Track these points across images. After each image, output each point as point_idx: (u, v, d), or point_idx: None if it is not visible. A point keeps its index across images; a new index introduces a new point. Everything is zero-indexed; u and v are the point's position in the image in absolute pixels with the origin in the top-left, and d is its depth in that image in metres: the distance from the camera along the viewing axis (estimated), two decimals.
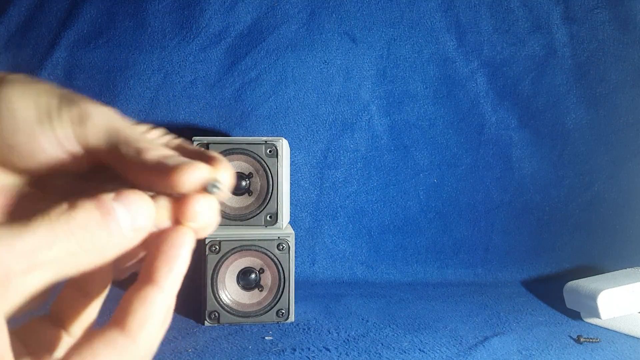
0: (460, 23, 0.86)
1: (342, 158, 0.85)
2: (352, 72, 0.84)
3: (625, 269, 0.76)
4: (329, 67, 0.84)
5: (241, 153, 0.62)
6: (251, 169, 0.64)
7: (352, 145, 0.85)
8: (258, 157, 0.63)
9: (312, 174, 0.84)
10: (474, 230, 0.88)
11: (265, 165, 0.63)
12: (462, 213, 0.88)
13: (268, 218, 0.64)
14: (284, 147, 0.63)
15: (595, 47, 0.88)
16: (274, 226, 0.64)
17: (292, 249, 0.64)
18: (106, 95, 0.68)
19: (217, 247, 0.62)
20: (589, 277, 0.72)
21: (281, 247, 0.63)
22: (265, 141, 0.62)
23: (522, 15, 0.87)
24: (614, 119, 0.89)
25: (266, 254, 0.63)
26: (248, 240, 0.62)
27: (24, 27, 0.79)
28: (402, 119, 0.86)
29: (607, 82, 0.89)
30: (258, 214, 0.64)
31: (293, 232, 0.64)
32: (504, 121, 0.88)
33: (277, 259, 0.63)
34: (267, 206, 0.64)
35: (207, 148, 0.59)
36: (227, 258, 0.62)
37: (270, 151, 0.63)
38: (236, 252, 0.62)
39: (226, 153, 0.61)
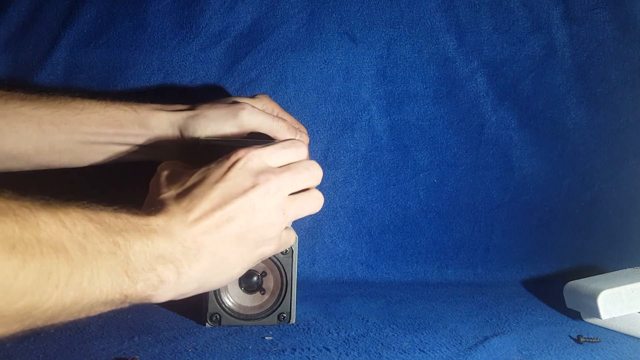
0: (460, 23, 0.86)
1: (342, 158, 0.85)
2: (352, 72, 0.85)
3: (625, 269, 0.76)
4: (329, 67, 0.84)
5: None
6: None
7: (352, 145, 0.85)
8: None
9: None
10: (474, 230, 0.88)
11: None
12: (462, 213, 0.88)
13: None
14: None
15: (595, 47, 0.88)
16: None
17: (296, 253, 0.64)
18: (106, 95, 0.68)
19: None
20: (589, 277, 0.72)
21: (285, 251, 0.63)
22: None
23: (522, 15, 0.87)
24: (614, 119, 0.89)
25: (269, 258, 0.63)
26: None
27: (24, 27, 0.79)
28: (402, 119, 0.86)
29: (607, 82, 0.89)
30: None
31: (297, 236, 0.64)
32: (504, 121, 0.88)
33: (281, 263, 0.63)
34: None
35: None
36: None
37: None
38: None
39: None
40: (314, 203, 0.54)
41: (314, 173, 0.53)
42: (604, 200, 0.90)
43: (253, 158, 0.49)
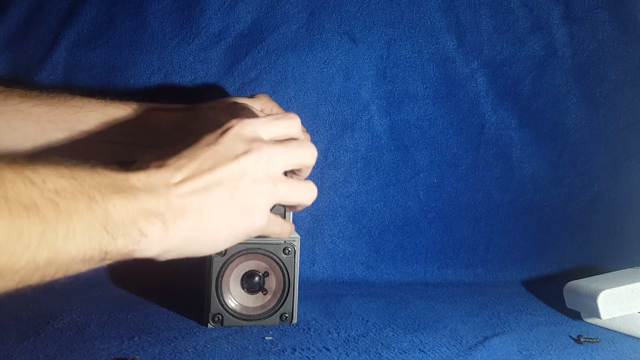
0: (460, 23, 0.86)
1: (342, 158, 0.85)
2: (352, 72, 0.84)
3: (625, 269, 0.76)
4: (329, 67, 0.84)
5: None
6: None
7: (352, 145, 0.85)
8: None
9: (312, 174, 0.84)
10: (474, 230, 0.88)
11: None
12: (462, 213, 0.88)
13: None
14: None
15: (595, 47, 0.88)
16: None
17: (298, 253, 0.64)
18: (106, 95, 0.68)
19: (223, 249, 0.62)
20: (589, 277, 0.72)
21: (287, 251, 0.63)
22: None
23: (522, 15, 0.87)
24: (614, 119, 0.89)
25: (272, 258, 0.63)
26: (254, 243, 0.62)
27: (24, 27, 0.79)
28: (402, 119, 0.86)
29: (607, 82, 0.89)
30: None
31: (299, 236, 0.64)
32: (504, 121, 0.88)
33: (283, 263, 0.63)
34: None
35: None
36: (232, 261, 0.62)
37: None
38: (242, 255, 0.62)
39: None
40: (307, 192, 0.52)
41: (309, 151, 0.53)
42: (604, 200, 0.90)
43: (246, 126, 0.48)
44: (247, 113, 0.64)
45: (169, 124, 0.64)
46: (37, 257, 0.33)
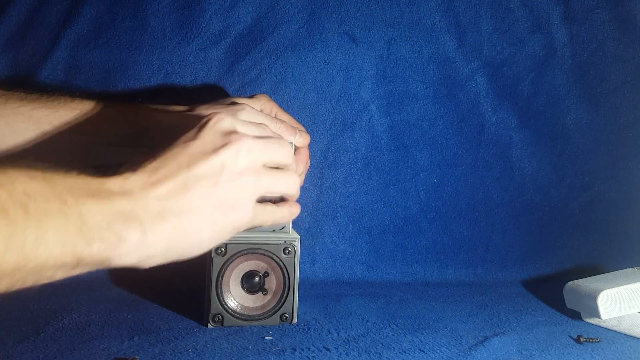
0: (460, 23, 0.86)
1: (342, 158, 0.85)
2: (352, 72, 0.84)
3: (625, 269, 0.76)
4: (329, 67, 0.84)
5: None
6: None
7: (352, 145, 0.85)
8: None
9: (312, 174, 0.84)
10: (474, 230, 0.88)
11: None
12: (462, 213, 0.88)
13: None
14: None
15: (595, 47, 0.88)
16: (282, 230, 0.64)
17: (298, 253, 0.64)
18: (106, 95, 0.68)
19: (223, 249, 0.61)
20: (589, 277, 0.72)
21: (287, 251, 0.63)
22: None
23: (522, 15, 0.87)
24: (614, 119, 0.89)
25: (272, 258, 0.63)
26: (254, 243, 0.62)
27: (24, 27, 0.78)
28: (402, 119, 0.86)
29: (607, 82, 0.89)
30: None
31: (299, 236, 0.64)
32: (504, 121, 0.88)
33: (283, 263, 0.63)
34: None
35: None
36: (232, 261, 0.62)
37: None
38: (242, 255, 0.62)
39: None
40: (290, 182, 0.51)
41: (285, 148, 0.51)
42: (604, 200, 0.90)
43: (224, 118, 0.47)
44: (248, 111, 0.64)
45: (169, 125, 0.64)
46: (4, 263, 0.32)
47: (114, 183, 0.40)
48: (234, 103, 0.66)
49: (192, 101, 0.70)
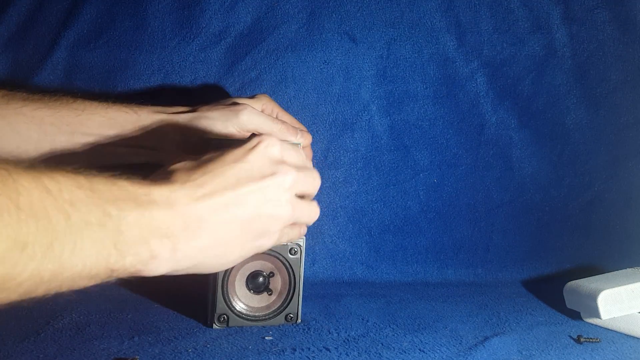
0: (460, 23, 0.86)
1: (342, 158, 0.85)
2: (352, 72, 0.84)
3: (625, 269, 0.76)
4: (329, 67, 0.84)
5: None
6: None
7: (352, 145, 0.85)
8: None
9: None
10: (474, 230, 0.88)
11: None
12: (462, 213, 0.88)
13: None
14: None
15: (595, 47, 0.88)
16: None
17: (304, 253, 0.64)
18: (106, 95, 0.68)
19: None
20: (589, 277, 0.72)
21: (293, 251, 0.63)
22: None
23: (522, 15, 0.87)
24: (614, 119, 0.89)
25: (278, 258, 0.63)
26: None
27: (24, 27, 0.78)
28: (402, 119, 0.86)
29: (607, 82, 0.89)
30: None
31: (304, 237, 0.64)
32: (504, 121, 0.88)
33: (289, 263, 0.63)
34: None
35: None
36: None
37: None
38: None
39: None
40: (314, 213, 0.53)
41: (317, 182, 0.53)
42: (604, 200, 0.90)
43: (274, 145, 0.48)
44: (248, 112, 0.64)
45: (170, 126, 0.64)
46: (42, 270, 0.32)
47: (161, 194, 0.41)
48: (235, 103, 0.66)
49: (192, 101, 0.70)
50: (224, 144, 0.57)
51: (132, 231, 0.38)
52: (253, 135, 0.49)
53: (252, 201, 0.45)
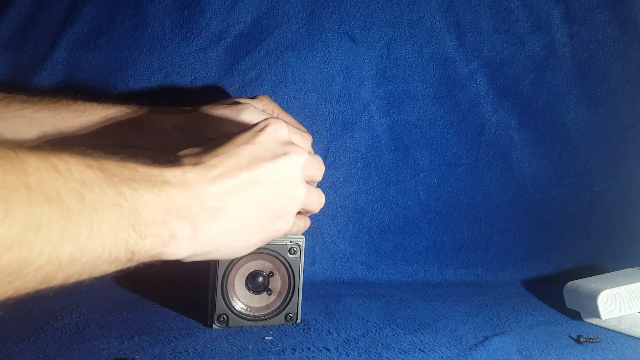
0: (460, 23, 0.86)
1: (342, 158, 0.85)
2: (352, 72, 0.84)
3: (625, 269, 0.76)
4: (329, 67, 0.84)
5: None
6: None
7: (352, 145, 0.85)
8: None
9: None
10: (474, 230, 0.88)
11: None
12: (462, 213, 0.88)
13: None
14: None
15: (595, 47, 0.88)
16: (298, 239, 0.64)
17: (303, 253, 0.64)
18: (106, 95, 0.68)
19: None
20: (589, 277, 0.72)
21: (293, 251, 0.63)
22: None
23: (522, 15, 0.87)
24: (614, 119, 0.89)
25: (277, 258, 0.63)
26: None
27: (24, 27, 0.79)
28: (402, 119, 0.86)
29: (607, 82, 0.89)
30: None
31: (303, 236, 0.64)
32: (504, 121, 0.88)
33: (289, 263, 0.63)
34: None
35: None
36: (238, 261, 0.62)
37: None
38: (247, 255, 0.62)
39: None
40: (322, 198, 0.54)
41: (323, 167, 0.54)
42: (604, 200, 0.90)
43: (283, 127, 0.47)
44: (250, 112, 0.64)
45: (171, 126, 0.64)
46: (60, 253, 0.31)
47: (174, 175, 0.40)
48: (237, 102, 0.66)
49: (192, 101, 0.70)
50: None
51: (150, 211, 0.37)
52: (261, 120, 0.48)
53: (267, 181, 0.44)
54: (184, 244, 0.39)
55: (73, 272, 0.33)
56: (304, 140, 0.52)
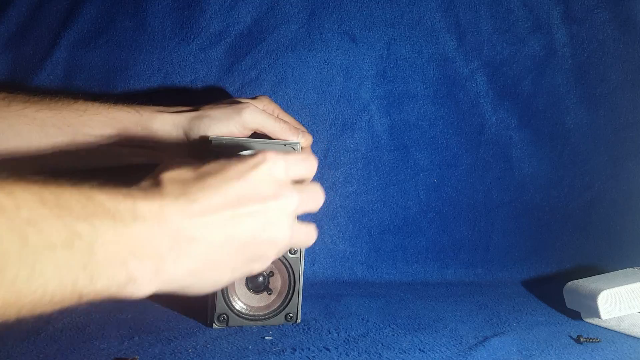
0: (460, 23, 0.86)
1: (342, 158, 0.85)
2: (352, 72, 0.85)
3: (625, 269, 0.76)
4: (329, 67, 0.84)
5: None
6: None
7: (352, 145, 0.85)
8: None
9: None
10: (474, 230, 0.88)
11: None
12: (462, 213, 0.88)
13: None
14: None
15: (595, 47, 0.88)
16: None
17: (303, 253, 0.64)
18: (106, 95, 0.68)
19: None
20: (589, 277, 0.72)
21: (293, 251, 0.63)
22: None
23: (522, 15, 0.87)
24: (614, 119, 0.89)
25: (278, 258, 0.63)
26: None
27: (24, 27, 0.78)
28: (402, 119, 0.86)
29: (607, 82, 0.89)
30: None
31: None
32: (504, 121, 0.88)
33: (289, 263, 0.63)
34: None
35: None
36: None
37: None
38: None
39: None
40: (311, 238, 0.51)
41: (320, 199, 0.50)
42: (604, 200, 0.90)
43: (278, 163, 0.44)
44: (251, 111, 0.64)
45: (172, 126, 0.64)
46: None
47: (149, 209, 0.37)
48: (237, 102, 0.66)
49: (192, 101, 0.70)
50: (224, 151, 0.56)
51: (108, 251, 0.34)
52: (258, 153, 0.45)
53: (251, 223, 0.41)
54: (143, 286, 0.37)
55: (9, 313, 0.31)
56: (303, 168, 0.48)
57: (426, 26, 0.85)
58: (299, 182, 0.48)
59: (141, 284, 0.36)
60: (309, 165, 0.49)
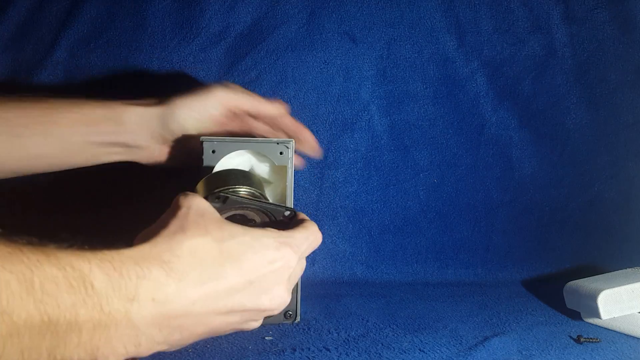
0: (460, 23, 0.86)
1: (342, 158, 0.85)
2: (352, 72, 0.84)
3: (625, 269, 0.76)
4: (329, 67, 0.84)
5: None
6: None
7: (352, 145, 0.85)
8: None
9: (312, 174, 0.84)
10: (474, 230, 0.88)
11: None
12: (462, 213, 0.88)
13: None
14: None
15: (595, 47, 0.88)
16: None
17: None
18: (106, 95, 0.68)
19: None
20: (589, 277, 0.72)
21: None
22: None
23: (522, 15, 0.87)
24: (614, 119, 0.89)
25: None
26: None
27: (24, 27, 0.78)
28: (402, 119, 0.86)
29: (607, 82, 0.89)
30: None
31: None
32: (504, 121, 0.88)
33: None
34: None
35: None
36: None
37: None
38: None
39: None
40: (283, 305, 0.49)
41: (301, 271, 0.52)
42: (604, 200, 0.90)
43: (293, 260, 0.45)
44: (222, 88, 0.63)
45: (148, 118, 0.62)
46: None
47: (153, 297, 0.36)
48: (206, 89, 0.64)
49: None
50: (234, 204, 0.52)
51: (81, 341, 0.32)
52: (283, 246, 0.46)
53: (246, 315, 0.43)
54: (117, 358, 0.35)
55: None
56: (314, 246, 0.50)
57: (426, 26, 0.85)
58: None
59: (115, 357, 0.35)
60: (316, 244, 0.51)
